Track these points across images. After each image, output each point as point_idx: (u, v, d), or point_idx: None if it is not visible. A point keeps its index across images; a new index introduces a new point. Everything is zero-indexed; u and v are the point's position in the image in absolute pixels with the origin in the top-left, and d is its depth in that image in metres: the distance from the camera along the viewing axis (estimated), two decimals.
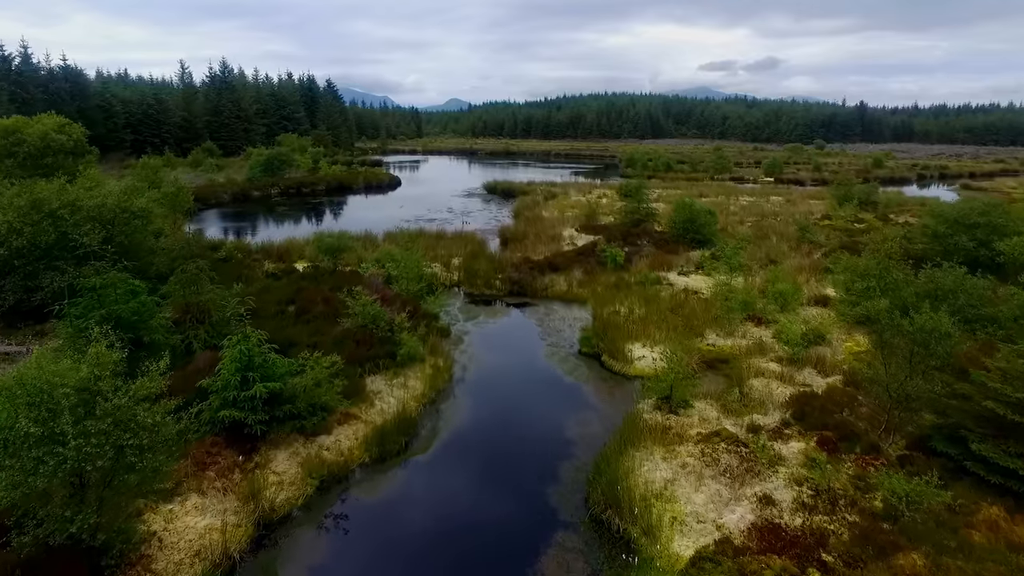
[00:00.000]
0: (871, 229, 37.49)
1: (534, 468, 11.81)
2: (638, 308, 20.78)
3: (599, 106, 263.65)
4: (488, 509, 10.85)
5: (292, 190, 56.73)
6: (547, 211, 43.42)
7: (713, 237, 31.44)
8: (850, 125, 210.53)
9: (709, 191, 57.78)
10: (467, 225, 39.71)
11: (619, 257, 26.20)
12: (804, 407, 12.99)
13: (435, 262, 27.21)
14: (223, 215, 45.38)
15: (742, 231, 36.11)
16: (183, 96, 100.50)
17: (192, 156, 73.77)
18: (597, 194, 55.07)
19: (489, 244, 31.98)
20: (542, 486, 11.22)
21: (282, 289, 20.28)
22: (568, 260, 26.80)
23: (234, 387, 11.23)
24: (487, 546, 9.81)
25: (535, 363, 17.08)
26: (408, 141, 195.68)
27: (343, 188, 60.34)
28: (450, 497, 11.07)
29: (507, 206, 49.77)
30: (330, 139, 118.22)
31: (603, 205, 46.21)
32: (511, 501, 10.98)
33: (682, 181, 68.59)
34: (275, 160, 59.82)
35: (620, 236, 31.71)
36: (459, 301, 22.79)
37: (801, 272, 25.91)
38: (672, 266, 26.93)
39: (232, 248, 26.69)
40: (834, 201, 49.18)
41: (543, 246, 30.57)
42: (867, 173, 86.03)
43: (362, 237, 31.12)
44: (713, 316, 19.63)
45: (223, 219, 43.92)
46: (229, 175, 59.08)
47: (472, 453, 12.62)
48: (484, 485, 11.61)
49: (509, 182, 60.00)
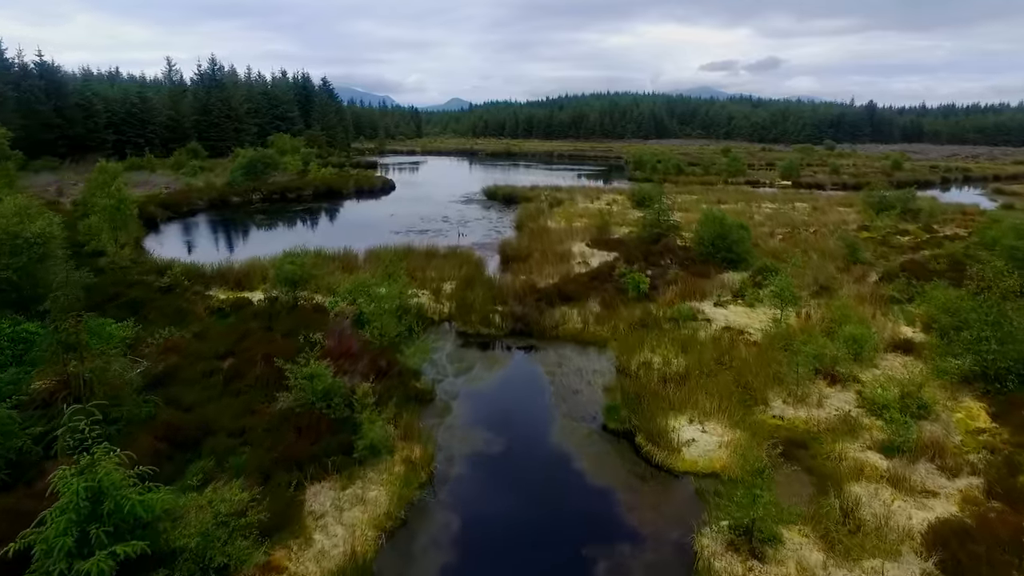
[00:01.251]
0: (921, 244, 33.08)
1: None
2: (674, 356, 16.41)
3: (602, 106, 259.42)
4: None
5: (276, 195, 52.35)
6: (553, 221, 39.03)
7: (748, 256, 27.05)
8: (859, 125, 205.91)
9: (727, 197, 53.35)
10: (464, 238, 35.33)
11: (643, 284, 21.80)
12: (955, 552, 8.62)
13: (423, 289, 22.86)
14: (192, 225, 41.04)
15: (774, 245, 31.72)
16: (170, 95, 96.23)
17: (174, 157, 69.41)
18: (606, 200, 50.68)
19: (488, 264, 27.60)
20: None
21: (222, 336, 15.91)
22: (581, 287, 22.40)
23: (63, 556, 6.87)
24: None
25: (546, 448, 12.68)
26: (407, 141, 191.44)
27: (332, 193, 55.98)
28: None
29: (509, 214, 45.38)
30: (325, 139, 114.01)
31: (614, 214, 41.81)
32: None
33: (695, 185, 64.11)
34: (258, 163, 55.50)
35: (640, 255, 27.30)
36: (449, 343, 18.42)
37: (861, 302, 21.52)
38: (705, 294, 22.52)
39: (180, 273, 22.34)
40: (867, 208, 44.84)
41: (550, 266, 26.17)
42: (888, 176, 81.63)
43: (339, 256, 26.75)
44: (772, 370, 15.25)
45: (191, 230, 39.57)
46: (209, 179, 54.77)
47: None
48: None
49: (511, 186, 55.63)
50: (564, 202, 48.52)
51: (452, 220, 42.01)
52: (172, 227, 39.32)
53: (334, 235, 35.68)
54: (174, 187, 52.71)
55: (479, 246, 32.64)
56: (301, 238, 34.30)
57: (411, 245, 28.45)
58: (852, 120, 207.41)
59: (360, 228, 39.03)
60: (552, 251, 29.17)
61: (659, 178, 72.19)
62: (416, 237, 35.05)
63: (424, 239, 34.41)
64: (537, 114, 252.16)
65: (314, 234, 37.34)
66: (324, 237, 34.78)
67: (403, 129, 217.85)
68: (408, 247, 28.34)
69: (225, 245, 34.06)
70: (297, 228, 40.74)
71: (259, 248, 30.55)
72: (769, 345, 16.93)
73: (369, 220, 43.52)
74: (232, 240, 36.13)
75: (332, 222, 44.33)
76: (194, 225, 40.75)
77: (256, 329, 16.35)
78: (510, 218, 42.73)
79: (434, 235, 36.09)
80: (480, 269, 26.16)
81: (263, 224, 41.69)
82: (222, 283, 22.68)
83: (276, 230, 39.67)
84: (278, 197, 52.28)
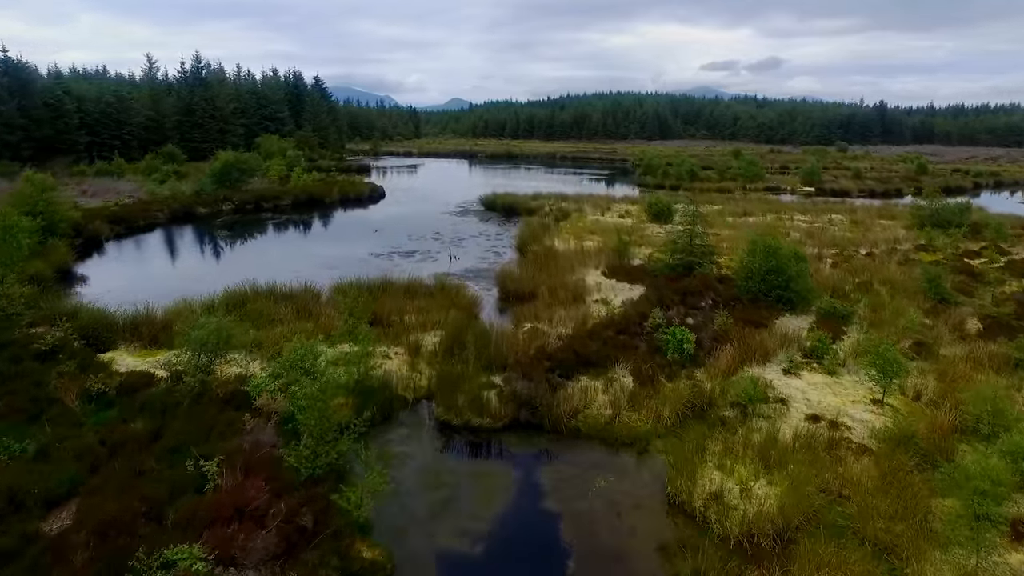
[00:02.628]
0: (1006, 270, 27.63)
1: None
2: (755, 479, 11.05)
3: (604, 106, 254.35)
4: None
5: (250, 205, 46.95)
6: (560, 240, 33.63)
7: (809, 294, 21.65)
8: (869, 126, 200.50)
9: (751, 207, 47.95)
10: (456, 261, 29.95)
11: (687, 343, 16.39)
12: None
13: (396, 345, 17.48)
14: (143, 245, 35.66)
15: (827, 274, 26.32)
16: (150, 94, 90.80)
17: (146, 161, 63.94)
18: (618, 211, 45.32)
19: (483, 302, 22.20)
20: None
21: (76, 453, 10.50)
22: (605, 344, 16.99)
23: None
24: None
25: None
26: (404, 142, 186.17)
27: (313, 202, 50.59)
28: None
29: (510, 228, 40.03)
30: (316, 141, 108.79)
31: (630, 229, 36.44)
32: None
33: (712, 193, 58.67)
34: (232, 169, 50.08)
35: (671, 291, 21.84)
36: (425, 443, 13.07)
37: (977, 368, 16.14)
38: (768, 353, 17.10)
39: (81, 326, 16.97)
40: (913, 220, 39.42)
41: (562, 308, 20.75)
42: (915, 181, 76.31)
43: (297, 293, 21.34)
44: (912, 511, 9.91)
45: (138, 251, 34.18)
46: (177, 187, 49.27)
47: None
48: None
49: (511, 195, 50.22)
50: (571, 214, 43.14)
51: (445, 237, 36.61)
52: (118, 247, 33.90)
53: (301, 259, 30.33)
54: (138, 196, 47.42)
55: (474, 274, 27.28)
56: (261, 263, 28.99)
57: (390, 276, 22.98)
58: (862, 121, 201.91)
59: (336, 248, 33.65)
60: (562, 284, 23.77)
61: (671, 183, 66.85)
62: (400, 263, 29.70)
63: (409, 265, 29.07)
64: (538, 114, 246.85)
65: (279, 256, 31.95)
66: (289, 261, 29.45)
67: (401, 130, 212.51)
68: (386, 279, 22.90)
69: (167, 273, 28.66)
70: (262, 249, 35.30)
71: (207, 278, 25.22)
72: (891, 459, 11.53)
73: (349, 236, 38.13)
74: (179, 265, 30.60)
75: (305, 238, 38.90)
76: (144, 244, 35.33)
77: (134, 439, 10.96)
78: (511, 234, 37.35)
79: (421, 259, 30.72)
80: (473, 311, 20.79)
81: (225, 242, 36.25)
82: (134, 338, 17.28)
83: (236, 251, 34.20)
84: (252, 207, 46.87)
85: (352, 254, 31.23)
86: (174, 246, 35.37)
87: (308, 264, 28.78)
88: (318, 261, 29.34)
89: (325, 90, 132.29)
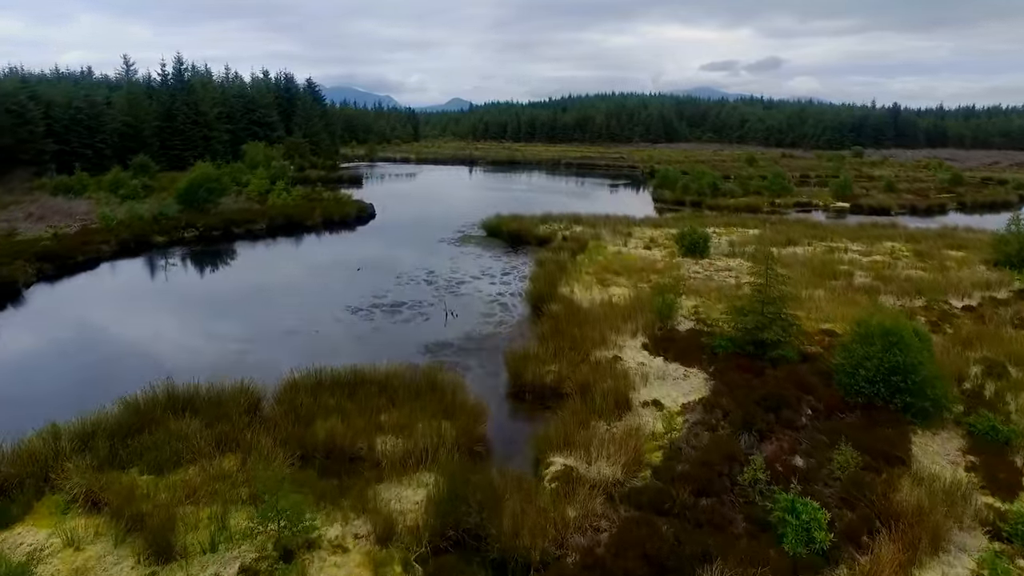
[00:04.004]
0: None
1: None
2: None
3: (608, 107, 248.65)
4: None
5: (217, 231, 40.79)
6: (581, 284, 27.50)
7: (944, 399, 15.49)
8: (882, 129, 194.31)
9: (794, 232, 41.76)
10: (452, 320, 23.80)
11: (817, 528, 10.25)
12: None
13: (358, 518, 11.29)
14: (68, 292, 29.57)
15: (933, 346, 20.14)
16: (127, 98, 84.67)
17: (112, 174, 57.66)
18: (642, 239, 39.22)
19: (489, 408, 15.99)
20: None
21: None
22: (683, 523, 10.85)
23: None
24: None
25: None
26: (403, 146, 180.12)
27: (292, 226, 44.46)
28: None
29: (518, 264, 33.92)
30: (307, 147, 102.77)
31: (663, 268, 30.37)
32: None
33: (743, 213, 52.49)
34: (200, 187, 43.91)
35: (753, 395, 15.64)
36: None
37: None
38: (938, 534, 10.93)
39: None
40: (996, 253, 32.96)
41: (602, 422, 14.59)
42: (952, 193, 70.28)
43: (228, 397, 15.11)
44: None
45: (55, 303, 28.06)
46: (134, 210, 43.02)
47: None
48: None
49: (518, 218, 44.07)
50: (588, 244, 36.98)
51: (439, 278, 30.46)
52: (41, 296, 27.72)
53: (258, 317, 24.23)
54: (92, 219, 41.32)
55: (476, 344, 21.16)
56: (202, 329, 22.90)
57: (357, 371, 16.77)
58: (875, 124, 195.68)
59: (306, 296, 27.51)
60: (595, 367, 17.64)
61: (691, 199, 60.76)
62: (382, 323, 23.56)
63: (393, 327, 22.96)
64: (540, 115, 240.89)
65: (230, 313, 25.80)
66: (240, 321, 23.37)
67: (399, 132, 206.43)
68: (356, 372, 16.71)
69: (70, 349, 22.50)
70: (211, 298, 28.98)
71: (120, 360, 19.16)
72: None
73: (325, 276, 31.96)
74: (92, 336, 24.05)
75: (271, 279, 32.54)
76: (71, 292, 29.11)
77: None
78: (520, 274, 31.24)
79: (410, 315, 24.56)
80: (476, 428, 14.63)
81: (169, 287, 30.03)
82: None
83: (176, 304, 27.69)
84: (220, 233, 40.71)
85: (323, 309, 25.08)
86: (104, 296, 29.13)
87: (264, 327, 22.70)
88: (278, 323, 23.21)
89: (318, 92, 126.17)
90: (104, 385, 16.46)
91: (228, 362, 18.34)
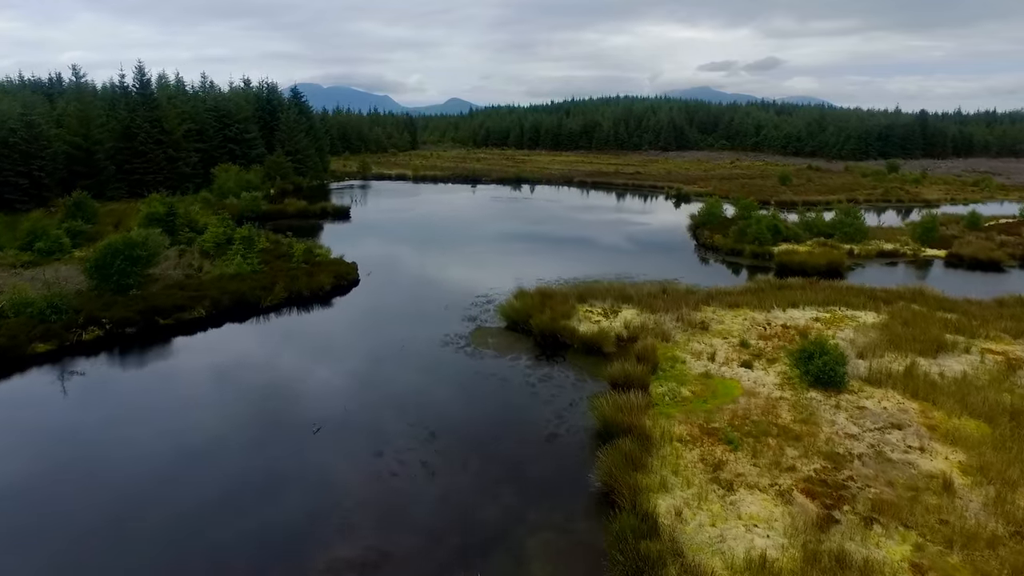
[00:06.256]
0: None
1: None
2: None
3: (614, 113, 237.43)
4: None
5: (132, 327, 29.33)
6: (683, 482, 16.12)
7: None
8: (910, 137, 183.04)
9: (927, 323, 30.29)
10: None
11: None
12: None
13: None
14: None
15: None
16: (77, 116, 73.05)
17: (30, 221, 45.96)
18: (729, 335, 27.85)
19: None
20: None
21: None
22: None
23: None
24: None
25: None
26: (399, 156, 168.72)
27: (243, 307, 33.05)
28: None
29: (556, 392, 22.38)
30: (290, 167, 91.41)
31: (790, 418, 18.98)
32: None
33: (825, 276, 41.03)
34: (117, 260, 32.28)
35: None
36: None
37: None
38: None
39: None
40: None
41: None
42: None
43: None
44: None
45: None
46: (18, 292, 31.28)
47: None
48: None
49: (547, 296, 32.60)
50: (659, 355, 25.53)
51: (441, 448, 18.98)
52: None
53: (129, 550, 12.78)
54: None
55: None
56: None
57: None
58: (902, 132, 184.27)
59: (222, 513, 15.89)
60: None
61: (750, 247, 49.37)
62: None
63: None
64: (544, 121, 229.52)
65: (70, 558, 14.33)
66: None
67: (396, 140, 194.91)
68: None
69: None
70: (73, 495, 17.56)
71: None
72: None
73: (256, 444, 20.44)
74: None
75: (173, 451, 21.07)
76: None
77: None
78: (568, 427, 19.73)
79: (400, 565, 13.11)
80: None
81: (7, 466, 18.51)
82: None
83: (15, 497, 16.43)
84: (136, 329, 29.23)
85: (248, 554, 13.63)
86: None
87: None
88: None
89: (305, 103, 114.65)
90: None
91: None
